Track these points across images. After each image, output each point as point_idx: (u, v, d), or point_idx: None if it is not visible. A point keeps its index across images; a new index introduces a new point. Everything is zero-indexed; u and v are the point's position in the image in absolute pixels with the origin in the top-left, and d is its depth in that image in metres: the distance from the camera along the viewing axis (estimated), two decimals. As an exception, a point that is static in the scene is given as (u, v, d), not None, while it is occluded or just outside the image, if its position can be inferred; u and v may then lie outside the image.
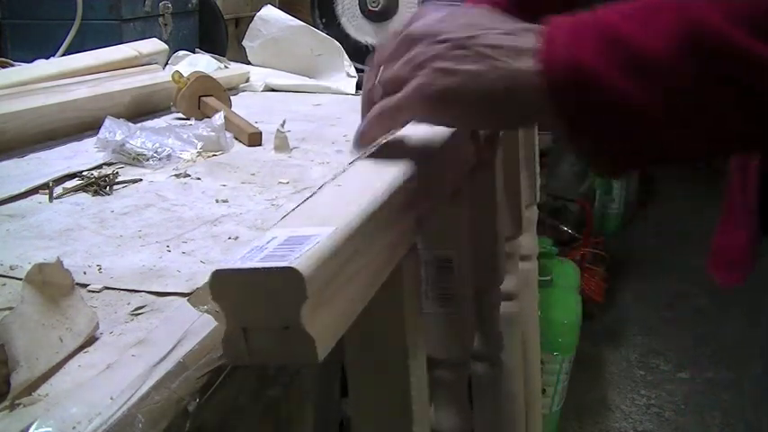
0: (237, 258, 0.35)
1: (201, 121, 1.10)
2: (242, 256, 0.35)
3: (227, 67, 1.54)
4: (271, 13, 1.59)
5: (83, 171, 0.89)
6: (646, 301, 2.95)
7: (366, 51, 1.63)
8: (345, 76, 1.55)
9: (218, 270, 0.34)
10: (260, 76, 1.55)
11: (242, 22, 2.01)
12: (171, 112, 1.22)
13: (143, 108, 1.19)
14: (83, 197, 0.82)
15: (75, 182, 0.86)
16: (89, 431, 0.40)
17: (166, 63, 1.45)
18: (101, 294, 0.58)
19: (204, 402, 0.46)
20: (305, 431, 0.71)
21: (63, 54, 1.39)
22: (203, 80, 1.20)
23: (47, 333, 0.47)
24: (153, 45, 1.35)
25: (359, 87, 1.54)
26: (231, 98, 1.25)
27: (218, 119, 1.05)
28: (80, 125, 1.06)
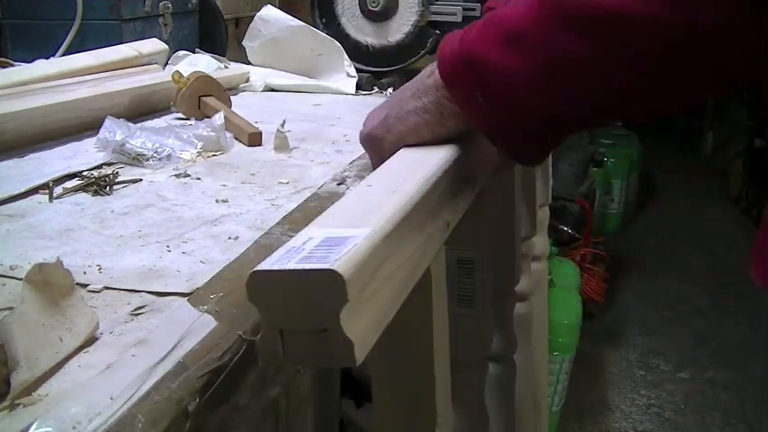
0: (275, 259, 0.34)
1: (201, 121, 1.10)
2: (279, 258, 0.34)
3: (227, 67, 1.53)
4: (271, 13, 1.59)
5: (83, 171, 0.89)
6: (646, 301, 2.94)
7: (366, 51, 1.63)
8: (345, 76, 1.55)
9: (255, 271, 0.33)
10: (260, 76, 1.54)
11: (242, 22, 2.01)
12: (171, 112, 1.22)
13: (143, 108, 1.19)
14: (83, 197, 0.82)
15: (76, 182, 0.86)
16: (89, 431, 0.40)
17: (166, 63, 1.45)
18: (101, 294, 0.57)
19: (204, 402, 0.46)
20: (305, 431, 0.71)
21: (63, 54, 1.39)
22: (203, 80, 1.20)
23: (47, 333, 0.47)
24: (153, 45, 1.35)
25: (359, 87, 1.54)
26: (231, 98, 1.25)
27: (218, 119, 1.05)
28: (80, 125, 1.06)
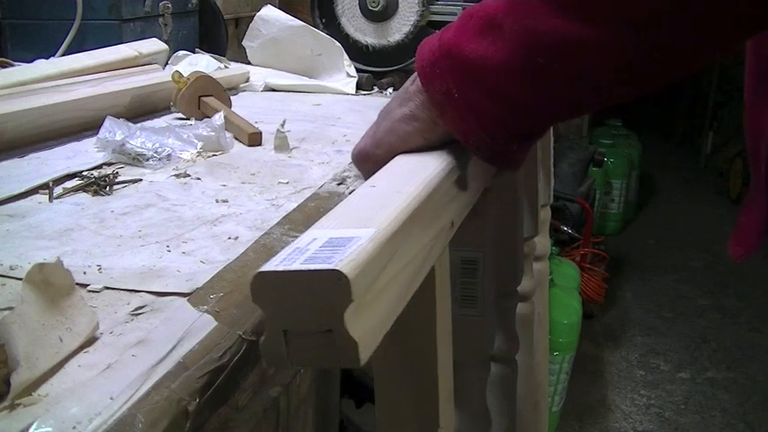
0: (279, 260, 0.34)
1: (201, 121, 1.10)
2: (283, 258, 0.34)
3: (227, 67, 1.53)
4: (271, 13, 1.59)
5: (83, 171, 0.89)
6: (646, 301, 2.95)
7: (366, 51, 1.63)
8: (345, 76, 1.55)
9: (260, 272, 0.33)
10: (260, 76, 1.55)
11: (242, 22, 2.01)
12: (171, 112, 1.22)
13: (143, 108, 1.19)
14: (83, 197, 0.82)
15: (75, 182, 0.86)
16: (89, 431, 0.40)
17: (166, 63, 1.45)
18: (101, 294, 0.57)
19: (204, 402, 0.46)
20: (305, 431, 0.71)
21: (63, 54, 1.39)
22: (203, 80, 1.20)
23: (47, 333, 0.47)
24: (153, 45, 1.35)
25: (359, 87, 1.54)
26: (231, 98, 1.25)
27: (218, 119, 1.05)
28: (80, 125, 1.06)
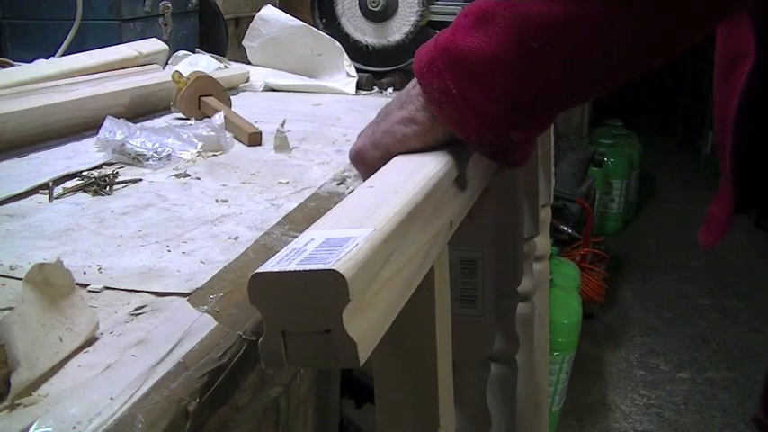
0: (276, 261, 0.34)
1: (201, 121, 1.10)
2: (280, 259, 0.34)
3: (227, 67, 1.53)
4: (271, 13, 1.59)
5: (83, 171, 0.89)
6: (646, 301, 2.95)
7: (366, 51, 1.63)
8: (345, 76, 1.55)
9: (257, 273, 0.33)
10: (260, 76, 1.55)
11: (242, 22, 2.01)
12: (171, 112, 1.22)
13: (143, 108, 1.19)
14: (83, 197, 0.82)
15: (75, 182, 0.86)
16: (89, 431, 0.40)
17: (166, 63, 1.45)
18: (101, 294, 0.57)
19: (204, 402, 0.46)
20: (305, 431, 0.71)
21: (63, 54, 1.39)
22: (203, 80, 1.20)
23: (47, 333, 0.47)
24: (153, 45, 1.35)
25: (359, 87, 1.54)
26: (231, 98, 1.25)
27: (218, 119, 1.05)
28: (80, 125, 1.06)
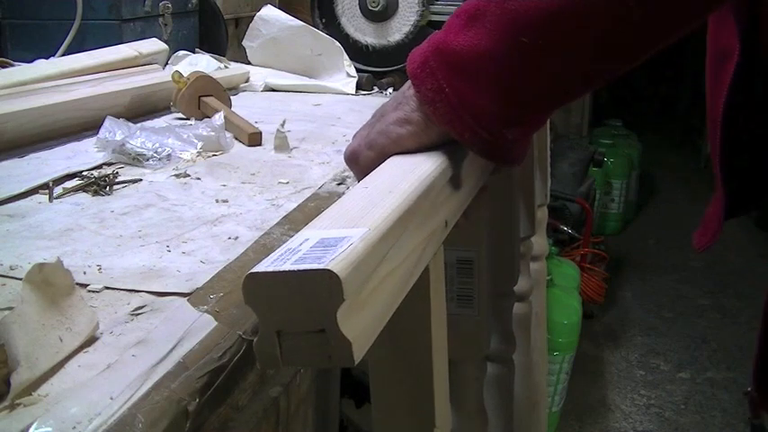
0: (271, 261, 0.34)
1: (201, 121, 1.10)
2: (275, 259, 0.34)
3: (227, 67, 1.54)
4: (271, 13, 1.59)
5: (83, 171, 0.89)
6: (646, 301, 2.95)
7: (366, 51, 1.63)
8: (345, 76, 1.55)
9: (251, 273, 0.33)
10: (260, 76, 1.55)
11: (242, 22, 2.01)
12: (171, 112, 1.22)
13: (143, 108, 1.19)
14: (83, 197, 0.82)
15: (75, 182, 0.86)
16: (89, 431, 0.40)
17: (166, 63, 1.45)
18: (101, 294, 0.57)
19: (204, 402, 0.46)
20: (305, 431, 0.71)
21: (63, 54, 1.39)
22: (203, 80, 1.20)
23: (47, 333, 0.47)
24: (153, 45, 1.35)
25: (359, 87, 1.54)
26: (231, 98, 1.25)
27: (218, 119, 1.05)
28: (80, 125, 1.06)
